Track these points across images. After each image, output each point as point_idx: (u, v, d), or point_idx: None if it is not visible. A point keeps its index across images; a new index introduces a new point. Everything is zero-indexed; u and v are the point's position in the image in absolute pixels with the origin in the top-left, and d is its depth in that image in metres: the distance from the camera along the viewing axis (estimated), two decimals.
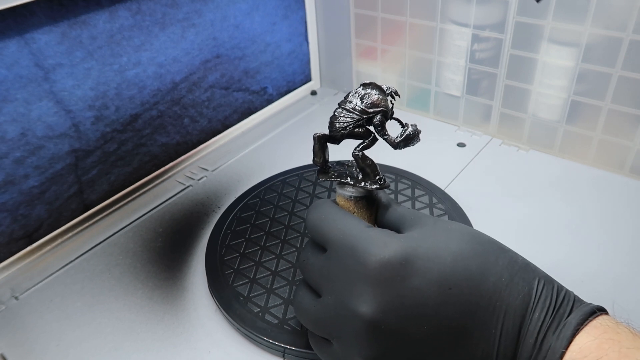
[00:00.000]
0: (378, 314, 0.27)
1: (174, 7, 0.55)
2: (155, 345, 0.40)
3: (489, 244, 0.29)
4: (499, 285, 0.27)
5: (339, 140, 0.33)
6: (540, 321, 0.26)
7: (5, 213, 0.48)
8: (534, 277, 0.28)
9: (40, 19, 0.45)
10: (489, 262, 0.28)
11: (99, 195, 0.55)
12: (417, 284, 0.27)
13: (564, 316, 0.27)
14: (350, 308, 0.27)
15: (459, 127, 0.66)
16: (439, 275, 0.27)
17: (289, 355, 0.38)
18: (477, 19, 0.58)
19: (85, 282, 0.47)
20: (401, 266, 0.27)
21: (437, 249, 0.28)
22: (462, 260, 0.27)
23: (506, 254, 0.29)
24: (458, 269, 0.27)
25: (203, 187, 0.59)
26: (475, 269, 0.27)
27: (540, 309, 0.27)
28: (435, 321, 0.27)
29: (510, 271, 0.28)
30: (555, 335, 0.26)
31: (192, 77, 0.60)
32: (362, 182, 0.33)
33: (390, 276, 0.27)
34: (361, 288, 0.27)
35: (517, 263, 0.28)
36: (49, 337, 0.42)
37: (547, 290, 0.27)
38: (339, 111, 0.32)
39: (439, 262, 0.27)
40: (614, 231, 0.48)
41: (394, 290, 0.27)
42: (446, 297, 0.27)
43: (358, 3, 0.67)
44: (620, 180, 0.55)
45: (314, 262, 0.31)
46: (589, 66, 0.52)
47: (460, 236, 0.29)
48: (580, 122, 0.56)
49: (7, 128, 0.46)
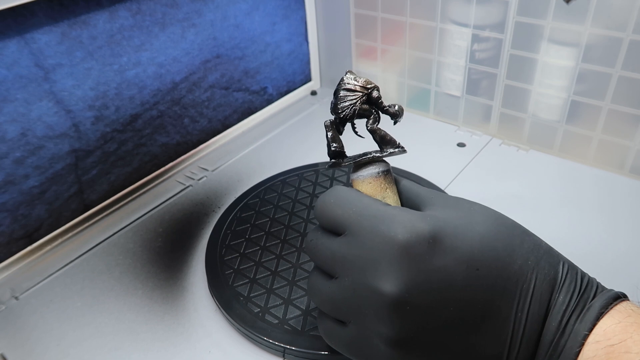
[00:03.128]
0: (403, 293, 0.26)
1: (174, 7, 0.55)
2: (155, 345, 0.40)
3: (513, 227, 0.29)
4: (525, 268, 0.27)
5: (345, 122, 0.34)
6: (565, 304, 0.26)
7: (5, 213, 0.48)
8: (558, 261, 0.28)
9: (40, 19, 0.45)
10: (515, 244, 0.27)
11: (99, 195, 0.55)
12: (445, 263, 0.26)
13: (588, 300, 0.27)
14: (371, 288, 0.26)
15: (459, 127, 0.66)
16: (467, 255, 0.26)
17: (289, 355, 0.38)
18: (477, 19, 0.58)
19: (85, 282, 0.47)
20: (428, 244, 0.26)
21: (464, 228, 0.27)
22: (489, 241, 0.27)
23: (530, 238, 0.29)
24: (486, 250, 0.27)
25: (203, 187, 0.59)
26: (502, 251, 0.27)
27: (565, 292, 0.27)
28: (462, 302, 0.26)
29: (536, 254, 0.28)
30: (579, 318, 0.26)
31: (192, 77, 0.60)
32: (386, 151, 0.33)
33: (418, 254, 0.26)
34: (385, 267, 0.26)
35: (541, 247, 0.28)
36: (49, 337, 0.42)
37: (571, 275, 0.27)
38: (343, 93, 0.33)
39: (467, 242, 0.27)
40: (614, 231, 0.48)
41: (421, 268, 0.26)
42: (473, 277, 0.26)
43: (358, 3, 0.67)
44: (620, 180, 0.55)
45: (325, 243, 0.29)
46: (589, 66, 0.52)
47: (485, 217, 0.28)
48: (580, 122, 0.56)
49: (7, 128, 0.46)
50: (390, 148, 0.33)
